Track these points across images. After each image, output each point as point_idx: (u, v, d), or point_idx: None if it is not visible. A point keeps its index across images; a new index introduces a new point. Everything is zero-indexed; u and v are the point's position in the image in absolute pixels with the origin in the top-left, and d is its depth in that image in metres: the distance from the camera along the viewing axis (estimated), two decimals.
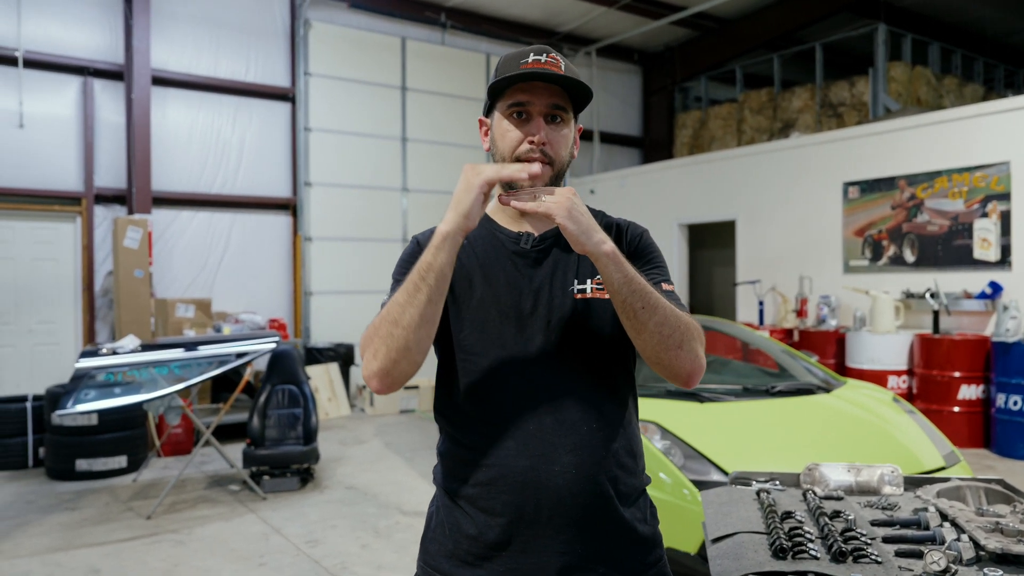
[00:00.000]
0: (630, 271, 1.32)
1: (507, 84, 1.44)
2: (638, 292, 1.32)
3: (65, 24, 7.87)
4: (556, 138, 1.45)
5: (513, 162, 1.45)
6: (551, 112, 1.45)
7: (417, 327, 1.31)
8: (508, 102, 1.46)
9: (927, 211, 7.42)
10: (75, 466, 5.84)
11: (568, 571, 1.39)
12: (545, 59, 1.43)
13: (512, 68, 1.44)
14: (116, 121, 8.14)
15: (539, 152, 1.43)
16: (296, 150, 9.19)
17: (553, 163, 1.45)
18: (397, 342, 1.32)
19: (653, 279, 1.45)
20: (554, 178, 1.47)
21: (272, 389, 5.88)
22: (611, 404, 1.47)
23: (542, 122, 1.44)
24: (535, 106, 1.44)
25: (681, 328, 1.36)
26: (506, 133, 1.46)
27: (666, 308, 1.35)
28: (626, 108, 12.61)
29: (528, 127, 1.44)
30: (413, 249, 1.51)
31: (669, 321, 1.34)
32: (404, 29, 10.08)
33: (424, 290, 1.31)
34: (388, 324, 1.33)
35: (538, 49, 1.46)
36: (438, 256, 1.31)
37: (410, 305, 1.31)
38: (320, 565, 4.07)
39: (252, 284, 8.94)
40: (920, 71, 10.01)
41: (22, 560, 4.16)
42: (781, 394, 4.17)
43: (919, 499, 1.86)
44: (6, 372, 7.64)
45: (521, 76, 1.41)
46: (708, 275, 11.57)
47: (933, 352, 6.89)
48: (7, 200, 7.59)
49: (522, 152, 1.44)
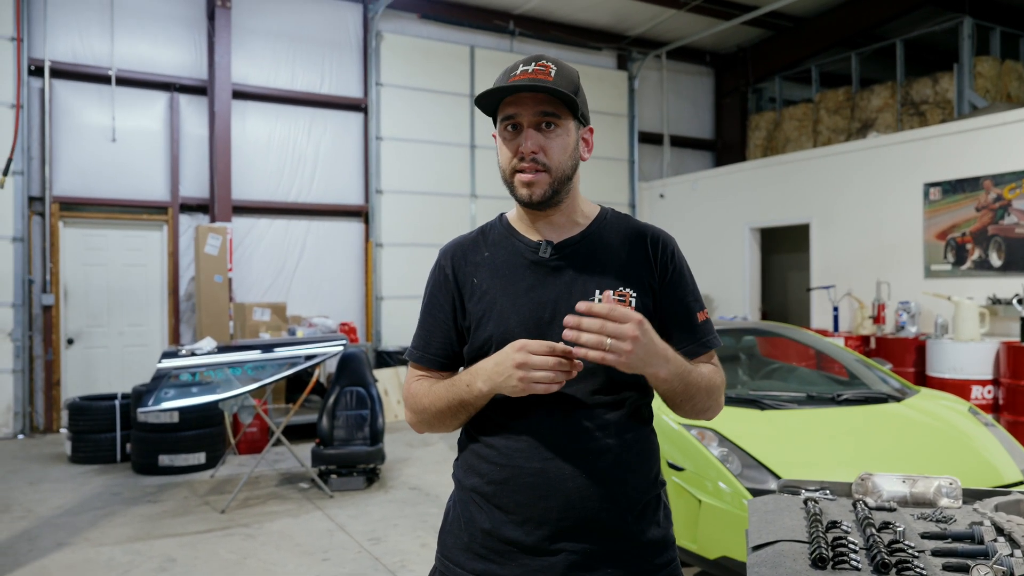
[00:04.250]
0: (678, 374, 1.39)
1: (486, 101, 1.45)
2: (679, 387, 1.42)
3: (154, 43, 8.33)
4: (549, 144, 1.44)
5: (512, 172, 1.47)
6: (542, 120, 1.44)
7: (448, 427, 1.52)
8: (501, 117, 1.47)
9: (1015, 212, 7.03)
10: (158, 461, 6.15)
11: (576, 569, 1.40)
12: (533, 68, 1.43)
13: (501, 82, 1.45)
14: (200, 134, 8.55)
15: (530, 162, 1.43)
16: (368, 158, 9.44)
17: (549, 169, 1.45)
18: (432, 427, 1.54)
19: (691, 309, 1.53)
20: (555, 183, 1.45)
21: (341, 391, 6.05)
22: (626, 412, 1.48)
23: (531, 132, 1.44)
24: (524, 116, 1.44)
25: (711, 398, 1.50)
26: (501, 147, 1.49)
27: (700, 389, 1.45)
28: (698, 111, 12.42)
29: (517, 140, 1.45)
30: (435, 272, 1.61)
31: (701, 398, 1.47)
32: (473, 38, 10.22)
33: (461, 416, 1.48)
34: (424, 411, 1.52)
35: (528, 59, 1.46)
36: (477, 402, 1.43)
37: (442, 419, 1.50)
38: (380, 562, 4.18)
39: (325, 289, 9.23)
40: (1010, 65, 9.50)
41: (106, 548, 4.43)
42: (848, 403, 4.03)
43: (976, 512, 1.79)
44: (99, 372, 8.12)
45: (499, 90, 1.42)
46: (781, 280, 11.26)
47: (1021, 361, 6.52)
48: (101, 210, 8.08)
49: (515, 164, 1.45)
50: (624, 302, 1.46)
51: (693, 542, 3.46)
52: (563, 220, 1.53)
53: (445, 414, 1.47)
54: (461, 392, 1.42)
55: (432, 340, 1.57)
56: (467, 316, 1.53)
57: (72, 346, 7.98)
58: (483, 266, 1.52)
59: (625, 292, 1.48)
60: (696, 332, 1.54)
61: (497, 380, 1.34)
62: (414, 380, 1.57)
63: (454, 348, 1.56)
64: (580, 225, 1.54)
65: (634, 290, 1.49)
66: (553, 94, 1.41)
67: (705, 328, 1.55)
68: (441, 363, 1.56)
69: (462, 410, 1.45)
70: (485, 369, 1.37)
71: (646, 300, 1.50)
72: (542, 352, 1.29)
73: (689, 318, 1.54)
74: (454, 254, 1.58)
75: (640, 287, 1.50)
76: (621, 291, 1.47)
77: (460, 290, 1.54)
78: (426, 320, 1.59)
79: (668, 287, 1.52)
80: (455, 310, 1.55)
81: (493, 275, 1.51)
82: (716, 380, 1.51)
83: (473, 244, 1.58)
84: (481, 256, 1.55)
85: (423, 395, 1.50)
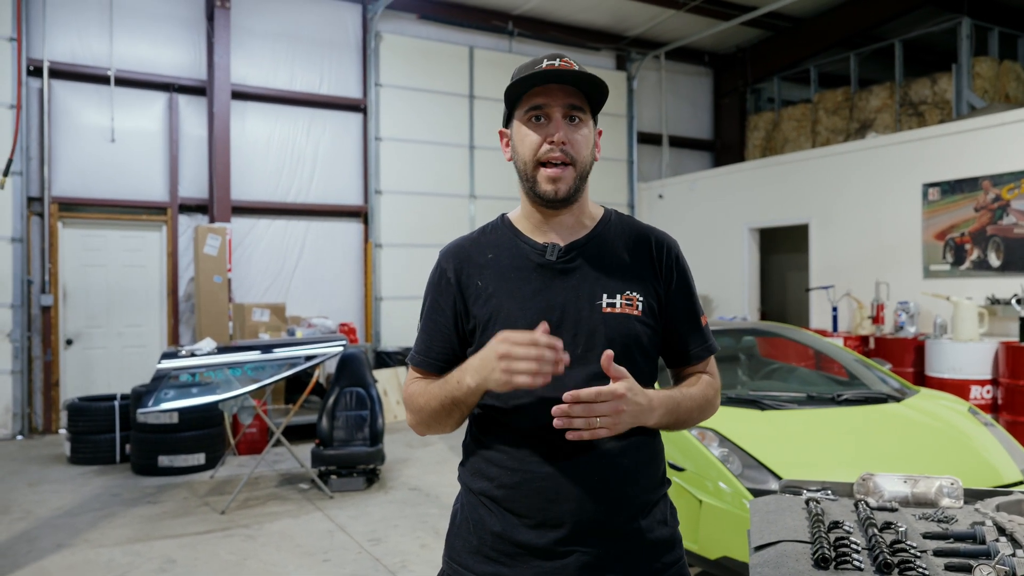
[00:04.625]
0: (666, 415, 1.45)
1: (524, 88, 1.44)
2: (671, 422, 1.48)
3: (153, 43, 8.33)
4: (576, 138, 1.45)
5: (535, 165, 1.46)
6: (569, 112, 1.45)
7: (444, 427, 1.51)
8: (526, 107, 1.46)
9: (1014, 213, 7.05)
10: (157, 462, 6.15)
11: (587, 571, 1.41)
12: (559, 63, 1.44)
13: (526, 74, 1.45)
14: (199, 134, 8.55)
15: (560, 151, 1.43)
16: (367, 159, 9.44)
17: (575, 163, 1.46)
18: (430, 428, 1.53)
19: (694, 312, 1.57)
20: (578, 179, 1.47)
21: (340, 391, 6.05)
22: None
23: (561, 122, 1.44)
24: (552, 107, 1.44)
25: (704, 413, 1.56)
26: (525, 138, 1.46)
27: (691, 414, 1.51)
28: (696, 111, 12.43)
29: (547, 128, 1.44)
30: (435, 275, 1.58)
31: (693, 419, 1.54)
32: (472, 38, 10.23)
33: (455, 415, 1.47)
34: (420, 410, 1.51)
35: (551, 55, 1.46)
36: (468, 399, 1.42)
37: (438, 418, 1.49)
38: (380, 563, 4.18)
39: (325, 289, 9.23)
40: (1008, 66, 9.51)
41: (106, 549, 4.42)
42: (848, 403, 4.04)
43: (978, 512, 1.79)
44: (98, 372, 8.11)
45: (534, 76, 1.41)
46: (780, 280, 11.27)
47: (1020, 361, 6.53)
48: (100, 210, 8.07)
49: (543, 154, 1.44)
50: (631, 306, 1.47)
51: (694, 542, 3.46)
52: (572, 221, 1.53)
53: (439, 413, 1.46)
54: (452, 389, 1.41)
55: (434, 344, 1.56)
56: (470, 319, 1.51)
57: (71, 347, 7.97)
58: (488, 268, 1.51)
59: (632, 296, 1.49)
60: (699, 338, 1.58)
61: (483, 374, 1.34)
62: (412, 381, 1.57)
63: (456, 352, 1.55)
64: (586, 227, 1.54)
65: (640, 294, 1.50)
66: (592, 83, 1.43)
67: (706, 333, 1.59)
68: (442, 367, 1.56)
69: (455, 408, 1.44)
70: (472, 364, 1.37)
71: (651, 303, 1.51)
72: (524, 343, 1.28)
73: (692, 323, 1.57)
74: (456, 256, 1.56)
75: (646, 291, 1.51)
76: (628, 295, 1.48)
77: (463, 293, 1.52)
78: (427, 324, 1.58)
79: (673, 292, 1.54)
80: (457, 314, 1.53)
81: (498, 277, 1.50)
82: (708, 395, 1.56)
83: (475, 245, 1.57)
84: (485, 258, 1.53)
85: (419, 395, 1.50)
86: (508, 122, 1.54)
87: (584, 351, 1.44)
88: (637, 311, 1.47)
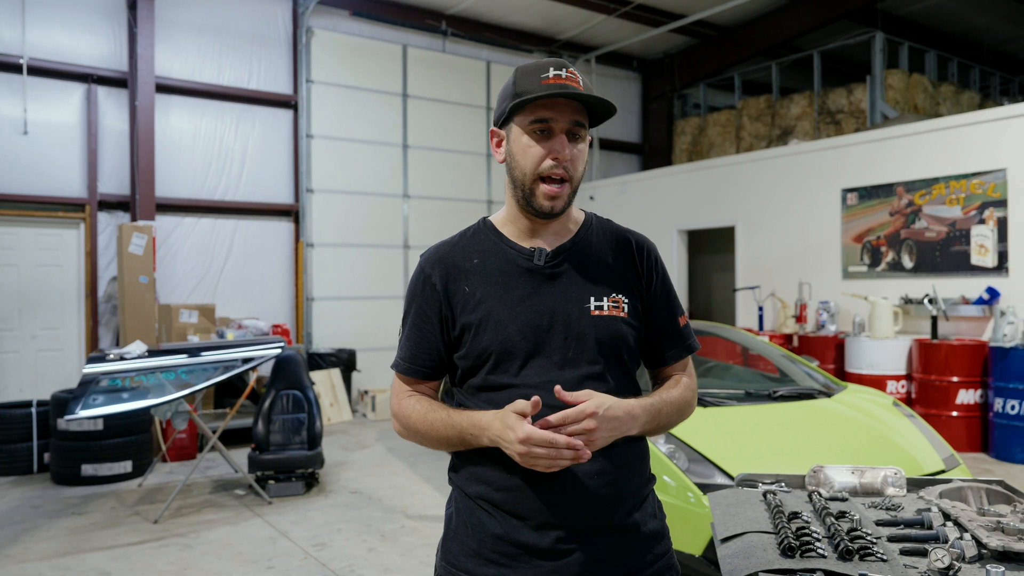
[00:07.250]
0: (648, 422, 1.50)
1: (534, 101, 1.44)
2: (653, 429, 1.54)
3: (69, 32, 7.92)
4: (575, 155, 1.48)
5: (535, 179, 1.47)
6: (572, 129, 1.46)
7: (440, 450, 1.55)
8: (530, 118, 1.45)
9: (925, 217, 7.49)
10: (80, 471, 5.87)
11: (588, 567, 1.44)
12: (565, 75, 1.44)
13: (533, 82, 1.44)
14: (120, 128, 8.19)
15: (562, 169, 1.45)
16: (298, 157, 9.25)
17: (572, 179, 1.48)
18: (420, 445, 1.58)
19: (675, 314, 1.61)
20: (572, 194, 1.50)
21: (276, 394, 5.92)
22: None
23: (566, 139, 1.45)
24: (558, 123, 1.45)
25: (683, 415, 1.61)
26: (527, 149, 1.46)
27: (671, 417, 1.57)
28: (625, 115, 12.68)
29: (551, 143, 1.45)
30: (419, 280, 1.56)
31: (674, 421, 1.58)
32: (405, 37, 10.15)
33: (459, 448, 1.51)
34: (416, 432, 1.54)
35: (557, 63, 1.46)
36: (477, 441, 1.44)
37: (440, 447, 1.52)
38: (328, 568, 4.11)
39: (255, 290, 8.99)
40: (917, 79, 10.10)
41: (31, 564, 4.20)
42: (783, 399, 4.22)
43: (922, 500, 1.91)
44: (10, 378, 7.67)
45: (550, 94, 1.41)
46: (707, 281, 11.62)
47: (931, 357, 6.95)
48: (11, 207, 7.63)
49: (545, 169, 1.45)
50: (619, 308, 1.51)
51: None
52: (558, 227, 1.56)
53: (442, 444, 1.50)
54: (465, 437, 1.45)
55: (419, 352, 1.55)
56: (457, 324, 1.51)
57: None
58: (474, 273, 1.51)
59: (618, 298, 1.52)
60: (680, 337, 1.63)
61: (501, 444, 1.39)
62: (405, 396, 1.57)
63: (442, 358, 1.55)
64: (570, 231, 1.57)
65: (625, 296, 1.54)
66: (604, 109, 1.47)
67: (686, 332, 1.64)
68: (427, 374, 1.57)
69: (461, 446, 1.49)
70: (492, 429, 1.39)
71: (636, 304, 1.56)
72: (544, 444, 1.32)
73: (673, 324, 1.61)
74: (441, 262, 1.55)
75: (630, 293, 1.55)
76: (614, 297, 1.51)
77: (449, 299, 1.52)
78: (412, 331, 1.56)
79: (654, 294, 1.58)
80: (443, 320, 1.53)
81: (486, 283, 1.50)
82: (687, 397, 1.61)
83: (458, 250, 1.56)
84: (470, 263, 1.53)
85: (418, 420, 1.51)
86: (504, 122, 1.52)
87: (575, 354, 1.47)
88: (623, 313, 1.51)
